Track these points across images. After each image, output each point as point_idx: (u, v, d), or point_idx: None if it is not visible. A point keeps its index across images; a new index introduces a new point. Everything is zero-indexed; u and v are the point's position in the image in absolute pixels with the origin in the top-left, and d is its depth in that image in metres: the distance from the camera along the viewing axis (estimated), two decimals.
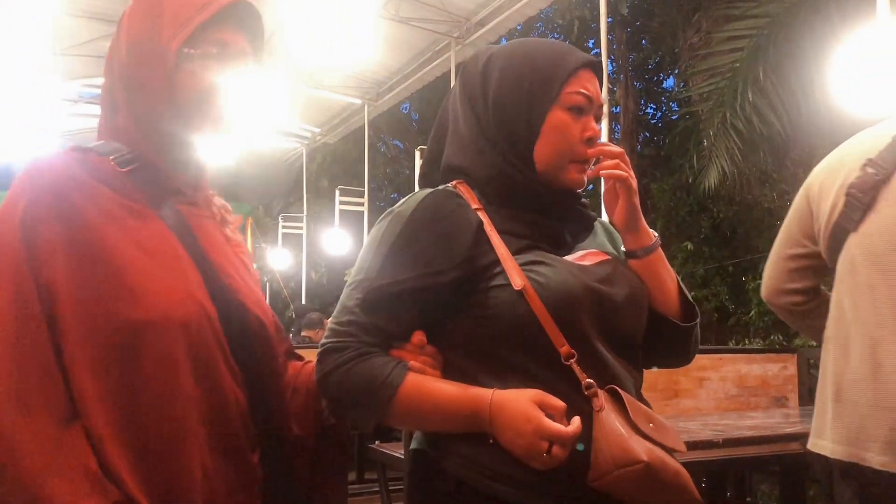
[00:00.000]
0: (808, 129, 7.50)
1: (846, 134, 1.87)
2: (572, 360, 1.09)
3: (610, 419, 1.07)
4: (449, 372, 1.15)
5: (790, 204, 1.94)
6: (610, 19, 10.30)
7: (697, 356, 4.10)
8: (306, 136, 11.68)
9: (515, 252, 1.15)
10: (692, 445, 2.50)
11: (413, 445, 1.25)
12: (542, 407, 1.05)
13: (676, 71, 13.07)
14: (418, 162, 8.14)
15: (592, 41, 14.70)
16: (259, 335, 1.09)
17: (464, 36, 7.85)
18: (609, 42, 7.42)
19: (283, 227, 11.89)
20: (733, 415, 3.48)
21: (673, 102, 14.87)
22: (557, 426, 1.03)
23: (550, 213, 1.22)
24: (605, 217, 1.38)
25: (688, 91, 10.12)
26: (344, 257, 11.01)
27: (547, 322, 1.09)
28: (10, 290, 0.90)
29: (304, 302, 10.80)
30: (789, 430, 2.86)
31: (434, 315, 1.15)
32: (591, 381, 1.09)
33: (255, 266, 1.23)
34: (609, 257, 1.23)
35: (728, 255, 10.80)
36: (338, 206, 10.49)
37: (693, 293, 10.63)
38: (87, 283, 0.93)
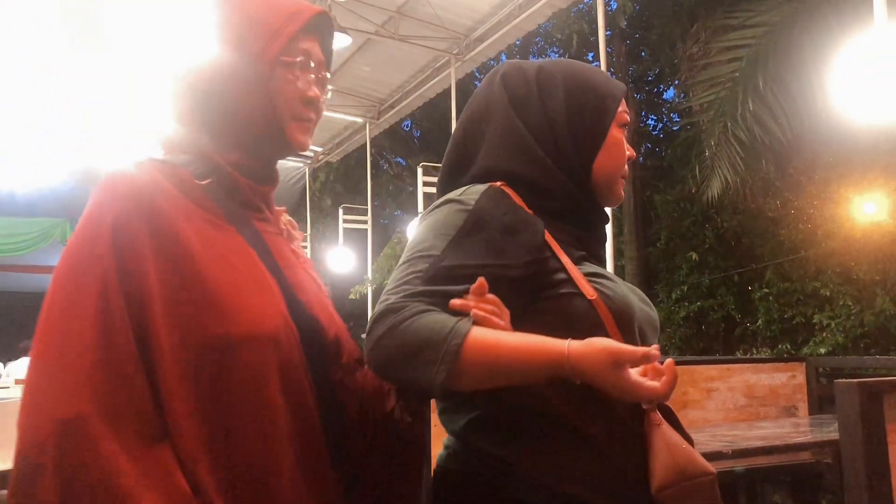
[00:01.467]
0: (811, 136, 7.50)
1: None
2: None
3: (671, 432, 1.09)
4: None
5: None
6: (609, 32, 10.35)
7: (706, 366, 4.05)
8: (309, 155, 11.72)
9: (574, 262, 1.15)
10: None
11: (447, 463, 1.21)
12: (621, 360, 0.99)
13: (676, 82, 13.11)
14: (421, 179, 8.16)
15: (592, 54, 14.77)
16: (335, 354, 1.08)
17: (463, 52, 7.89)
18: (608, 55, 7.47)
19: None
20: (742, 425, 3.45)
21: (674, 113, 14.91)
22: (647, 385, 0.99)
23: (591, 228, 1.26)
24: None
25: (688, 101, 10.14)
26: (348, 275, 11.01)
27: (615, 333, 1.09)
28: (99, 304, 0.87)
29: None
30: (800, 439, 2.83)
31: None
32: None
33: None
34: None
35: (733, 265, 10.78)
36: (341, 225, 10.53)
37: (699, 303, 10.65)
38: (178, 296, 0.91)
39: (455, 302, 1.01)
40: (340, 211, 10.69)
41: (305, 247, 11.78)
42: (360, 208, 10.63)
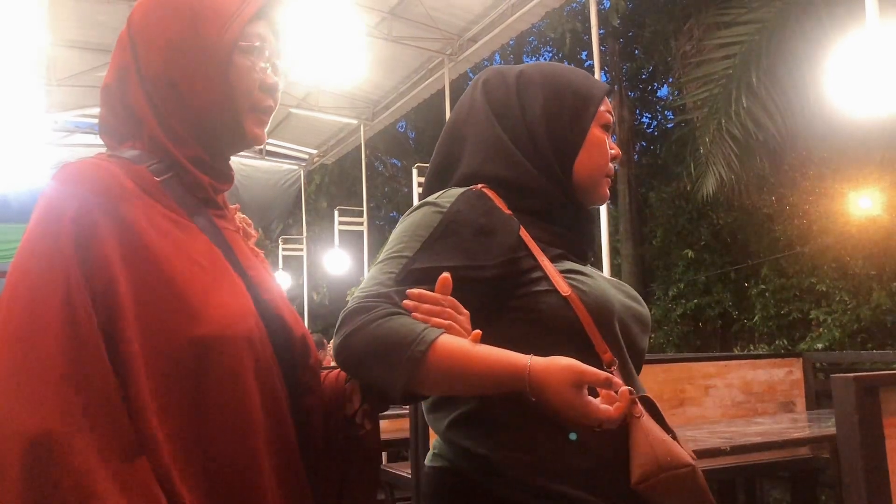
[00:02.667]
0: (804, 132, 7.52)
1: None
2: (614, 367, 1.11)
3: (652, 424, 1.08)
4: None
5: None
6: (602, 31, 10.36)
7: (703, 363, 4.05)
8: (304, 157, 11.72)
9: (550, 260, 1.17)
10: (700, 454, 2.46)
11: (432, 462, 1.23)
12: (583, 381, 0.99)
13: (670, 79, 13.14)
14: (416, 180, 8.15)
15: (585, 53, 14.78)
16: (302, 353, 1.04)
17: (456, 53, 7.89)
18: (602, 53, 7.47)
19: (283, 249, 11.90)
20: (740, 421, 3.45)
21: (668, 111, 14.93)
22: (601, 408, 0.99)
23: (574, 227, 1.26)
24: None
25: (682, 99, 10.16)
26: (345, 277, 11.01)
27: (591, 329, 1.11)
28: (64, 311, 0.80)
29: (305, 324, 10.79)
30: (798, 434, 2.83)
31: (470, 310, 1.09)
32: (631, 389, 1.06)
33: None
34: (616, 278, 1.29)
35: (729, 262, 10.80)
36: (337, 227, 10.51)
37: (695, 301, 10.67)
38: (148, 299, 0.86)
39: (407, 303, 1.03)
40: (336, 213, 10.67)
41: (301, 250, 11.77)
42: (356, 210, 10.62)
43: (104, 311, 0.83)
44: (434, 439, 1.27)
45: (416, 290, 1.04)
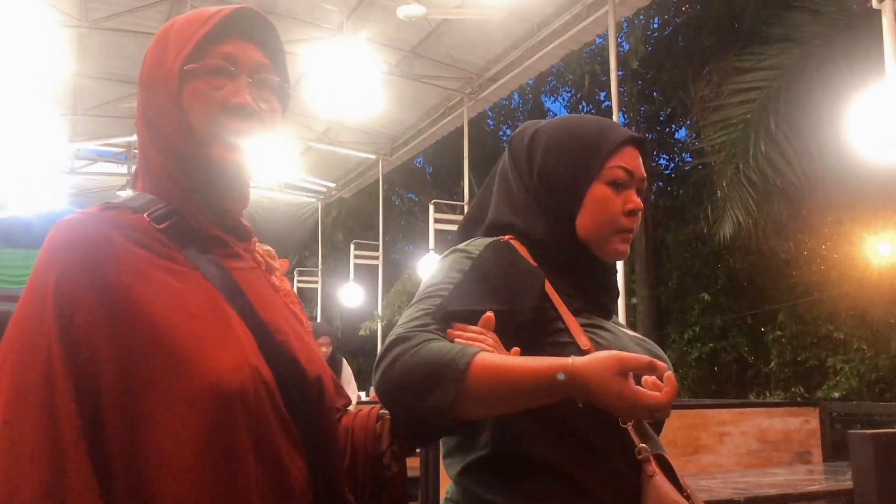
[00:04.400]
0: (823, 177, 7.50)
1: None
2: (629, 425, 1.10)
3: (664, 483, 1.08)
4: (501, 423, 1.15)
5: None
6: (620, 73, 10.44)
7: (718, 410, 3.99)
8: (321, 190, 11.81)
9: (572, 313, 1.18)
10: None
11: (450, 495, 1.24)
12: (625, 367, 0.98)
13: (688, 122, 13.17)
14: (432, 215, 8.18)
15: (604, 94, 14.88)
16: (318, 396, 0.98)
17: (476, 92, 7.96)
18: (620, 95, 7.53)
19: (298, 281, 11.94)
20: (755, 471, 3.39)
21: (686, 153, 14.94)
22: (650, 395, 0.98)
23: (593, 280, 1.27)
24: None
25: (700, 143, 10.18)
26: (359, 311, 11.00)
27: None
28: (41, 385, 0.79)
29: None
30: (814, 487, 2.78)
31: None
32: (645, 446, 1.09)
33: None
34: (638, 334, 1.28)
35: (746, 306, 10.71)
36: (353, 260, 10.54)
37: (711, 345, 10.57)
38: (133, 362, 0.82)
39: (451, 332, 1.05)
40: (352, 246, 10.71)
41: (316, 282, 11.80)
42: (372, 244, 10.65)
43: (86, 380, 0.81)
44: (448, 484, 1.28)
45: (460, 325, 1.06)
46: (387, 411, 1.09)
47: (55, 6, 6.25)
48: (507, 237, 1.24)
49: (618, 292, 1.35)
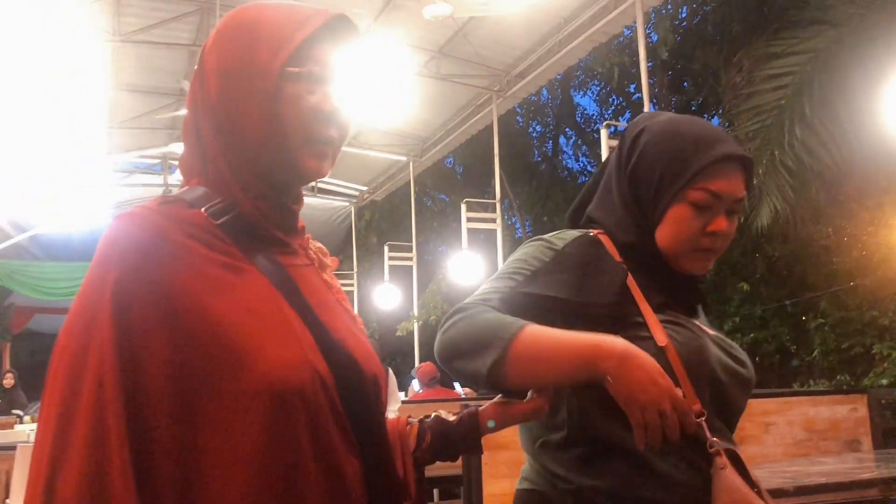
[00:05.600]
0: (861, 161, 7.35)
1: None
2: (702, 419, 1.13)
3: (733, 476, 1.11)
4: (571, 404, 1.21)
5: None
6: (650, 64, 10.34)
7: (761, 400, 3.93)
8: (354, 194, 11.89)
9: (655, 309, 1.20)
10: None
11: (520, 485, 1.30)
12: (666, 384, 1.03)
13: (720, 111, 13.00)
14: (464, 214, 8.19)
15: (633, 86, 14.76)
16: (374, 396, 0.97)
17: (504, 89, 7.96)
18: (650, 86, 7.44)
19: None
20: (803, 460, 3.33)
21: None
22: (682, 400, 1.03)
23: (677, 281, 1.28)
24: None
25: (733, 131, 10.04)
26: (395, 312, 11.04)
27: (683, 380, 1.13)
28: (93, 403, 0.78)
29: None
30: (866, 475, 2.72)
31: None
32: (717, 440, 1.13)
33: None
34: (723, 335, 1.29)
35: (786, 295, 10.54)
36: (387, 262, 10.58)
37: (752, 335, 10.41)
38: (191, 360, 0.81)
39: None
40: (386, 248, 10.75)
41: (352, 285, 11.87)
42: (405, 245, 10.69)
43: (142, 380, 0.80)
44: (522, 466, 1.33)
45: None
46: (414, 418, 1.11)
47: (90, 22, 6.37)
48: (596, 231, 1.27)
49: (704, 298, 1.36)
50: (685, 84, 14.65)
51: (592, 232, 1.27)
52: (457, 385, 7.27)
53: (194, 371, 0.82)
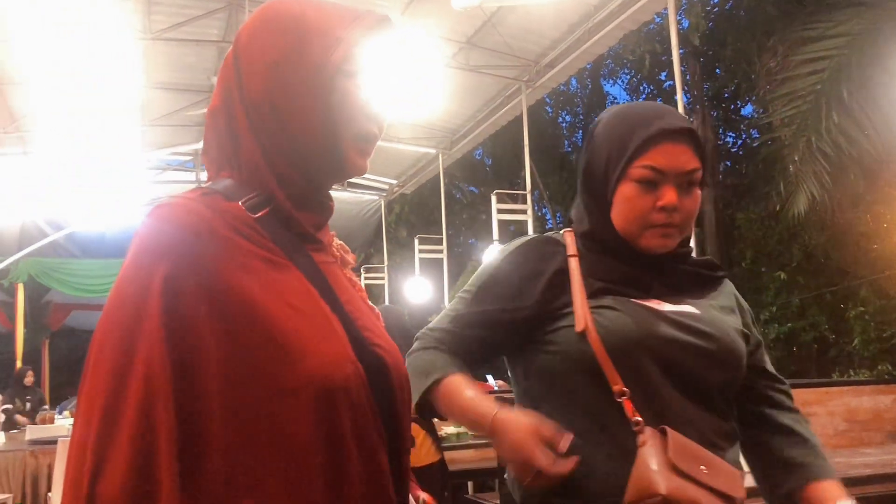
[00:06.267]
0: None
1: None
2: (624, 398, 1.19)
3: (647, 454, 1.15)
4: (520, 396, 1.35)
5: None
6: (682, 50, 10.20)
7: (801, 390, 3.86)
8: (383, 187, 11.90)
9: (592, 294, 1.25)
10: None
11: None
12: (538, 434, 1.13)
13: (754, 97, 12.80)
14: (495, 206, 8.16)
15: (665, 73, 14.58)
16: (399, 392, 0.98)
17: (533, 79, 7.90)
18: (682, 73, 7.33)
19: (366, 278, 12.05)
20: (845, 451, 3.27)
21: (753, 129, 14.53)
22: (543, 461, 1.12)
23: (641, 264, 1.30)
24: None
25: (768, 117, 9.87)
26: (426, 304, 11.05)
27: (605, 362, 1.20)
28: (141, 384, 0.77)
29: None
30: None
31: (509, 343, 1.33)
32: (640, 419, 1.17)
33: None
34: (699, 311, 1.28)
35: (824, 283, 10.36)
36: (417, 255, 10.59)
37: (789, 325, 10.25)
38: (239, 354, 0.81)
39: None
40: (416, 241, 10.75)
41: (382, 279, 11.91)
42: (435, 238, 10.68)
43: (190, 372, 0.80)
44: None
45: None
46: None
47: (121, 21, 6.44)
48: (564, 230, 1.37)
49: (702, 276, 1.36)
50: (717, 71, 14.43)
51: (561, 231, 1.37)
52: (489, 377, 7.27)
53: (243, 367, 0.81)
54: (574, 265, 1.28)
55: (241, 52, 0.95)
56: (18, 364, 10.46)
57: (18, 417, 8.31)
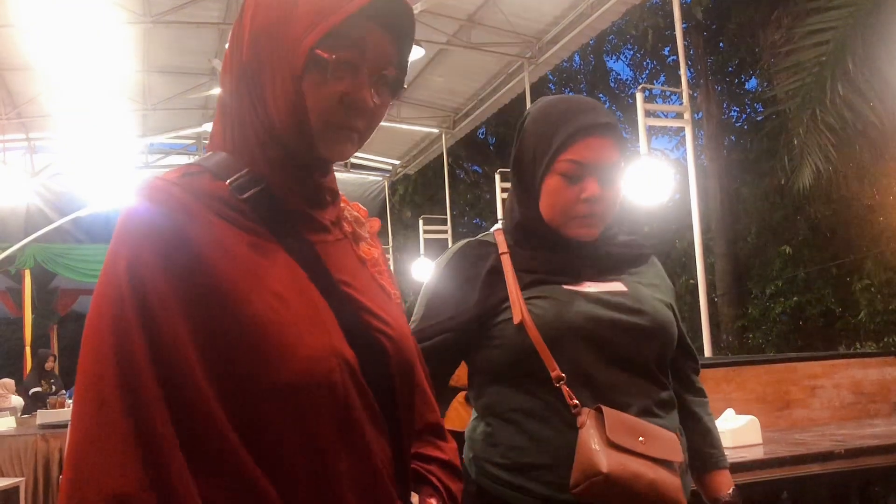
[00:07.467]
0: None
1: None
2: (562, 383, 1.25)
3: (587, 435, 1.21)
4: (470, 389, 1.43)
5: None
6: (685, 25, 10.12)
7: (808, 363, 3.84)
8: (387, 168, 11.88)
9: (525, 287, 1.32)
10: (811, 458, 2.36)
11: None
12: None
13: (758, 71, 12.71)
14: (499, 185, 8.14)
15: (668, 48, 14.47)
16: (401, 375, 0.94)
17: (536, 56, 7.84)
18: (686, 48, 7.23)
19: None
20: (852, 423, 3.28)
21: (757, 103, 14.44)
22: None
23: (569, 251, 1.37)
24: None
25: (772, 90, 9.81)
26: None
27: (542, 350, 1.26)
28: (116, 374, 0.75)
29: None
30: None
31: (462, 346, 1.37)
32: (577, 402, 1.24)
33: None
34: (626, 289, 1.35)
35: (830, 257, 10.33)
36: (422, 236, 10.59)
37: (795, 298, 10.24)
38: (214, 344, 0.79)
39: None
40: (420, 222, 10.76)
41: (388, 260, 11.93)
42: (440, 218, 10.68)
43: (171, 369, 0.77)
44: None
45: None
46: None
47: (120, 4, 6.40)
48: (494, 229, 1.44)
49: (627, 255, 1.42)
50: (721, 45, 14.31)
51: (492, 231, 1.44)
52: None
53: (220, 354, 0.79)
54: (506, 262, 1.35)
55: (243, 15, 0.92)
56: (27, 350, 10.53)
57: (52, 399, 8.39)
